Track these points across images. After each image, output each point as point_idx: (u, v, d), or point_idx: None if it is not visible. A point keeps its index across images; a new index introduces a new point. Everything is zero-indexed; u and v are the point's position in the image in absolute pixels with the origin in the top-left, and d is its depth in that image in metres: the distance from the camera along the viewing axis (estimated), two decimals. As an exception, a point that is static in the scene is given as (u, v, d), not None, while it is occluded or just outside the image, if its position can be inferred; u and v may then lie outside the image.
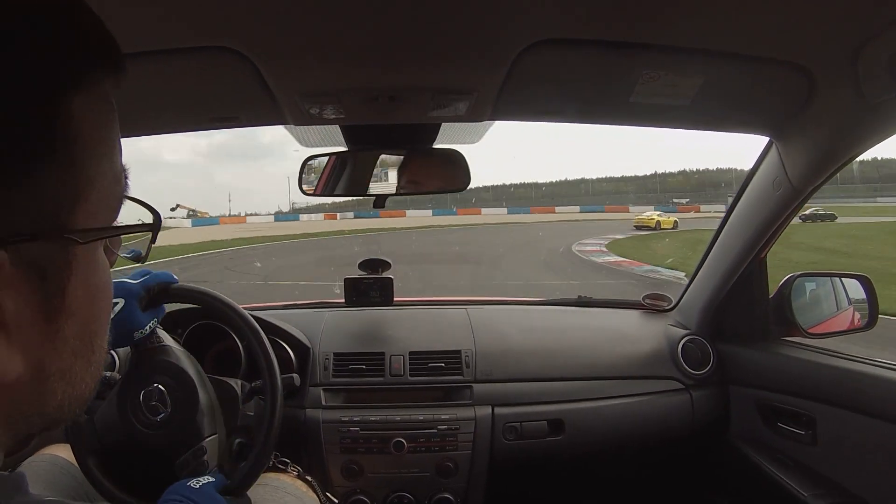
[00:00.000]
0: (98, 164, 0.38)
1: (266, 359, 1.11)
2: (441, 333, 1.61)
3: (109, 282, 0.42)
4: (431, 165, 1.30)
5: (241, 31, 0.82)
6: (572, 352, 1.58)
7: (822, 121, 1.05)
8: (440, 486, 1.43)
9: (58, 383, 0.38)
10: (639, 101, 1.04)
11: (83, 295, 0.38)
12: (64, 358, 0.38)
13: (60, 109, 0.35)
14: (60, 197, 0.35)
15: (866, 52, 0.85)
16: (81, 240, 0.36)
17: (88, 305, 0.39)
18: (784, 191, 1.24)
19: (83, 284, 0.38)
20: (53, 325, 0.36)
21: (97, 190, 0.38)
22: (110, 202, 0.40)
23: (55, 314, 0.36)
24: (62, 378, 0.38)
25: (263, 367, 1.11)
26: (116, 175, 0.40)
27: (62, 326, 0.37)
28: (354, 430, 1.41)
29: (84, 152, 0.36)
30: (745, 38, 0.86)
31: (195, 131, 1.25)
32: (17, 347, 0.34)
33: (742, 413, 1.49)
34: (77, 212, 0.36)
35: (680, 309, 1.71)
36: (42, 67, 0.34)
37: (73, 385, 0.39)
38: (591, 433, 1.49)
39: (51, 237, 0.35)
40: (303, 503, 1.15)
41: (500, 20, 0.81)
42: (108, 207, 0.40)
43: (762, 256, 1.45)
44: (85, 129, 0.36)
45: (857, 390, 1.16)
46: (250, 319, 1.12)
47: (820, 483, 1.23)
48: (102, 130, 0.38)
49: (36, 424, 0.39)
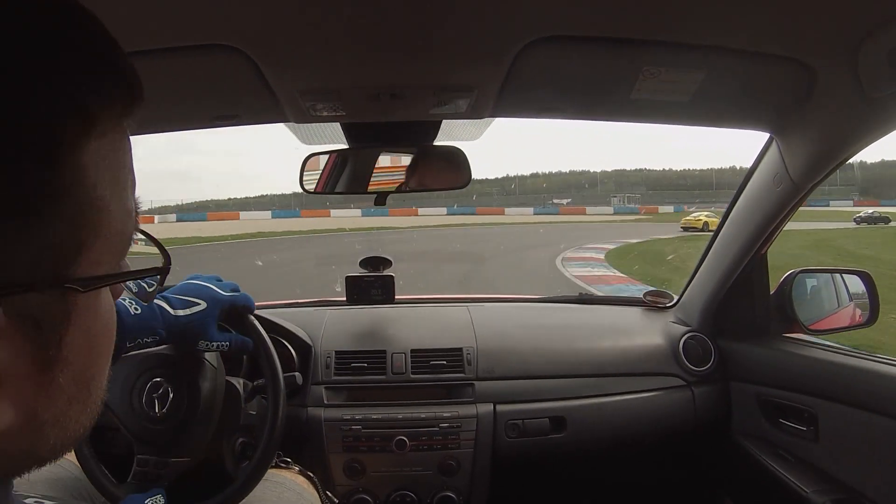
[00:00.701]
0: (106, 206, 0.35)
1: (268, 358, 1.11)
2: (442, 331, 1.61)
3: (113, 322, 0.40)
4: (432, 163, 1.30)
5: (242, 30, 0.82)
6: (574, 349, 1.58)
7: (822, 116, 1.05)
8: (443, 485, 1.43)
9: (51, 430, 0.36)
10: (640, 98, 1.04)
11: (82, 343, 0.36)
12: (59, 405, 0.36)
13: (66, 159, 0.32)
14: (62, 247, 0.33)
15: (866, 47, 0.85)
16: (83, 289, 0.34)
17: (87, 353, 0.37)
18: (785, 186, 1.24)
19: (83, 333, 0.36)
20: (48, 375, 0.34)
21: (103, 236, 0.35)
22: (117, 245, 0.37)
23: (50, 364, 0.34)
24: (55, 424, 0.36)
25: (266, 365, 1.11)
26: (127, 213, 0.37)
27: (57, 376, 0.35)
28: (356, 428, 1.41)
29: (92, 199, 0.34)
30: (746, 34, 0.86)
31: (195, 130, 1.25)
32: (8, 398, 0.33)
33: (744, 409, 1.50)
34: (80, 261, 0.34)
35: (681, 306, 1.71)
36: (49, 114, 0.31)
37: (66, 430, 0.37)
38: (594, 430, 1.49)
39: (49, 288, 0.33)
40: (302, 498, 1.15)
41: (501, 17, 0.81)
42: (115, 250, 0.37)
43: (763, 252, 1.45)
44: (95, 174, 0.34)
45: (859, 386, 1.16)
46: (252, 318, 1.13)
47: (822, 479, 1.23)
48: (115, 171, 0.36)
49: (25, 467, 0.37)
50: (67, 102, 0.32)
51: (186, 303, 0.97)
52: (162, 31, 0.81)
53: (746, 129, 1.22)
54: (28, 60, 0.31)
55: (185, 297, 0.98)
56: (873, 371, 1.15)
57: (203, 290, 1.01)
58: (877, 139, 1.05)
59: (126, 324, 0.87)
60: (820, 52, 0.90)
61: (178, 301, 0.96)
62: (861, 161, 60.27)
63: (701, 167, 79.93)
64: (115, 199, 0.36)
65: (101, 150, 0.34)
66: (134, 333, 0.88)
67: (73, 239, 0.33)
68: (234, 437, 1.12)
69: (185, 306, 0.96)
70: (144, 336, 0.90)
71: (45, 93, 0.31)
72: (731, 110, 1.16)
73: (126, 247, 0.38)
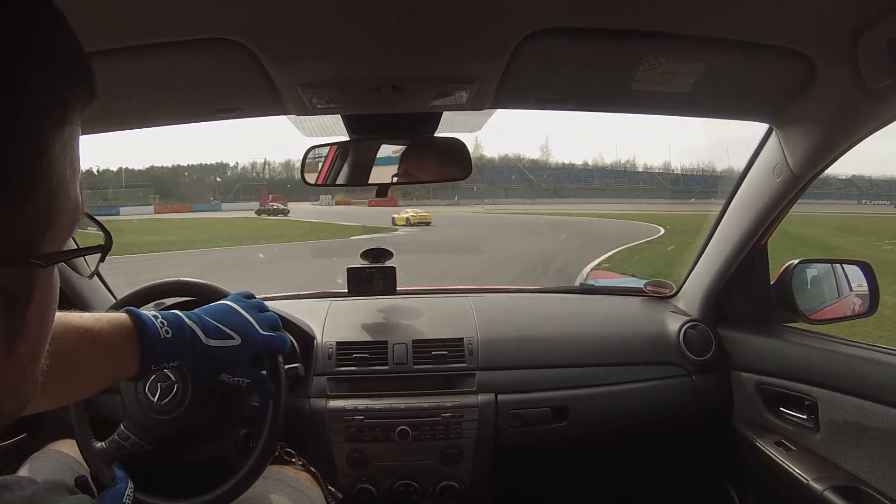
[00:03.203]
0: (67, 189, 0.39)
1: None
2: (444, 321, 1.62)
3: (57, 298, 0.43)
4: (433, 154, 1.31)
5: (243, 23, 0.82)
6: (575, 339, 1.59)
7: (821, 107, 1.05)
8: (445, 474, 1.44)
9: (8, 399, 0.39)
10: (640, 89, 1.04)
11: (39, 316, 0.39)
12: (16, 375, 0.39)
13: (47, 147, 0.36)
14: (35, 225, 0.36)
15: (866, 38, 0.85)
16: (44, 264, 0.38)
17: (41, 325, 0.41)
18: (784, 177, 1.24)
19: (39, 306, 0.39)
20: (12, 345, 0.37)
21: (63, 217, 0.39)
22: (70, 225, 0.41)
23: (14, 336, 0.37)
24: (12, 394, 0.39)
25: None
26: (77, 198, 0.41)
27: (18, 346, 0.38)
28: (359, 418, 1.42)
29: (60, 182, 0.37)
30: (745, 25, 0.87)
31: (197, 123, 1.25)
32: None
33: (744, 398, 1.50)
34: (45, 239, 0.37)
35: (682, 295, 1.72)
36: (39, 108, 0.35)
37: (19, 399, 0.40)
38: (595, 420, 1.50)
39: (21, 263, 0.36)
40: (305, 496, 1.16)
41: (501, 9, 0.82)
42: (68, 230, 0.41)
43: (763, 243, 1.46)
44: (62, 160, 0.37)
45: (859, 375, 1.17)
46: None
47: (822, 467, 1.24)
48: (73, 158, 0.39)
49: None
50: (53, 96, 0.36)
51: (222, 333, 0.93)
52: (164, 26, 0.82)
53: (746, 120, 1.22)
54: (23, 56, 0.34)
55: (222, 327, 0.94)
56: (874, 360, 1.16)
57: (241, 325, 0.96)
58: (876, 130, 1.05)
59: (155, 349, 0.84)
60: (819, 43, 0.90)
61: (214, 329, 0.93)
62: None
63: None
64: (73, 182, 0.40)
65: (68, 140, 0.38)
66: (162, 358, 0.86)
67: (44, 218, 0.37)
68: (236, 429, 1.13)
69: (220, 336, 0.92)
70: (170, 362, 0.87)
71: (35, 86, 0.35)
72: (731, 101, 1.16)
73: (74, 226, 0.42)
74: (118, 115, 1.15)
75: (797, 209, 1.34)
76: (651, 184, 67.00)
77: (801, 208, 7.08)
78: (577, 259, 11.59)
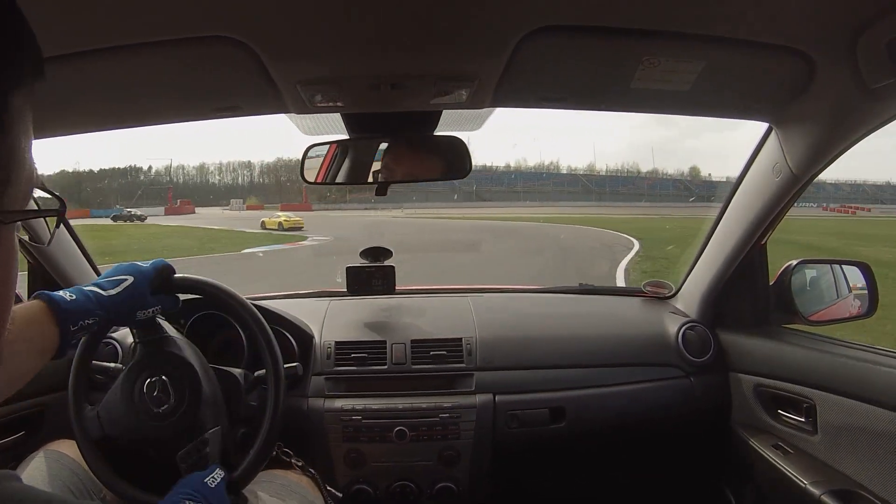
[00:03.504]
0: (23, 154, 0.42)
1: (269, 348, 1.11)
2: (443, 321, 1.62)
3: (17, 263, 0.46)
4: (432, 153, 1.30)
5: (242, 20, 0.82)
6: (573, 339, 1.59)
7: (821, 106, 1.05)
8: (443, 475, 1.44)
9: None
10: (640, 88, 1.04)
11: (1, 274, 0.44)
12: None
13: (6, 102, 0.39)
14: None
15: (865, 38, 0.85)
16: (5, 220, 0.41)
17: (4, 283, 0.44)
18: (784, 177, 1.24)
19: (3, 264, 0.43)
20: None
21: (21, 177, 0.42)
22: (26, 189, 0.44)
23: None
24: None
25: (266, 356, 1.11)
26: (31, 167, 0.44)
27: None
28: (357, 418, 1.41)
29: (16, 143, 0.41)
30: (745, 24, 0.86)
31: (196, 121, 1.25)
32: None
33: (743, 400, 1.50)
34: (4, 195, 0.41)
35: (680, 296, 1.72)
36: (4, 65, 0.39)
37: None
38: (593, 421, 1.50)
39: None
40: (306, 500, 1.16)
41: (501, 7, 0.82)
42: (25, 195, 0.44)
43: (762, 243, 1.45)
44: (19, 123, 0.41)
45: (858, 378, 1.17)
46: (252, 309, 1.13)
47: (820, 470, 1.23)
48: (28, 127, 0.43)
49: None
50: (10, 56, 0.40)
51: (115, 282, 1.01)
52: (164, 23, 0.82)
53: (746, 119, 1.22)
54: None
55: (113, 278, 1.02)
56: (872, 362, 1.15)
57: (127, 267, 1.05)
58: (875, 129, 1.05)
59: (65, 309, 0.91)
60: (819, 42, 0.90)
61: (108, 283, 1.00)
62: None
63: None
64: (27, 150, 0.43)
65: (23, 101, 0.42)
66: (75, 317, 0.92)
67: (5, 173, 0.41)
68: (235, 428, 1.13)
69: (115, 285, 1.00)
70: (85, 318, 0.93)
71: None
72: (731, 100, 1.16)
73: (30, 193, 0.45)
74: (118, 113, 1.15)
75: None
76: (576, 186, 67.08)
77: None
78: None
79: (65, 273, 1.48)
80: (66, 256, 1.50)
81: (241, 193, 57.74)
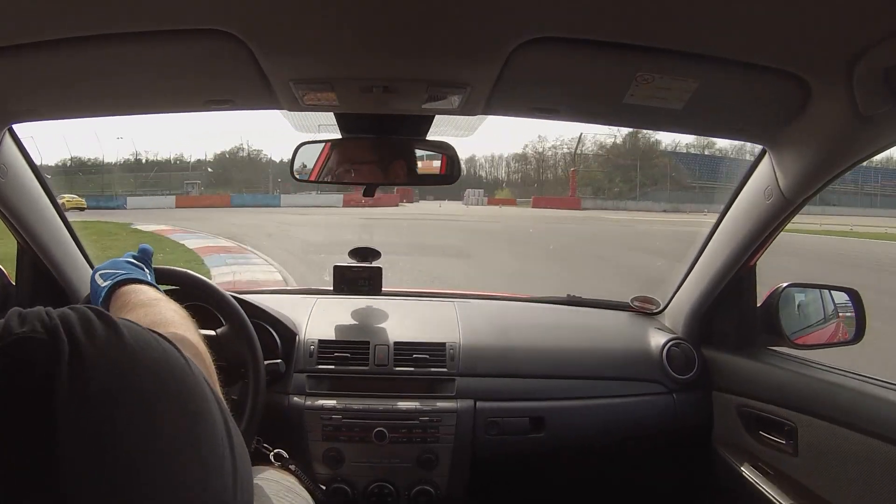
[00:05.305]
0: None
1: (250, 343, 1.11)
2: (427, 325, 1.61)
3: None
4: (423, 156, 1.30)
5: (237, 15, 0.82)
6: (557, 350, 1.59)
7: (815, 131, 1.04)
8: (421, 478, 1.44)
9: None
10: (633, 104, 1.03)
11: None
12: None
13: None
14: None
15: (862, 64, 0.84)
16: None
17: None
18: (775, 200, 1.23)
19: None
20: None
21: None
22: None
23: None
24: None
25: (247, 351, 1.11)
26: None
27: None
28: (337, 417, 1.41)
29: None
30: (741, 45, 0.86)
31: (189, 113, 1.25)
32: None
33: (725, 419, 1.50)
34: None
35: (668, 312, 1.71)
36: None
37: None
38: (572, 432, 1.50)
39: None
40: (298, 496, 1.16)
41: (495, 16, 0.81)
42: None
43: (751, 264, 1.45)
44: None
45: (838, 403, 1.16)
46: (233, 303, 1.13)
47: (799, 493, 1.23)
48: None
49: None
50: None
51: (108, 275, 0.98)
52: (158, 15, 0.81)
53: (739, 140, 1.22)
54: None
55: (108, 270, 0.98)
56: (853, 388, 1.15)
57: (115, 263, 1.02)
58: (869, 157, 1.04)
59: None
60: (815, 67, 0.89)
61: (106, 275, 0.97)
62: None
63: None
64: None
65: None
66: None
67: None
68: None
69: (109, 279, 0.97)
70: None
71: None
72: (724, 121, 1.16)
73: None
74: (111, 99, 1.15)
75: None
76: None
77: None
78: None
79: (52, 255, 1.47)
80: (56, 241, 1.47)
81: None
